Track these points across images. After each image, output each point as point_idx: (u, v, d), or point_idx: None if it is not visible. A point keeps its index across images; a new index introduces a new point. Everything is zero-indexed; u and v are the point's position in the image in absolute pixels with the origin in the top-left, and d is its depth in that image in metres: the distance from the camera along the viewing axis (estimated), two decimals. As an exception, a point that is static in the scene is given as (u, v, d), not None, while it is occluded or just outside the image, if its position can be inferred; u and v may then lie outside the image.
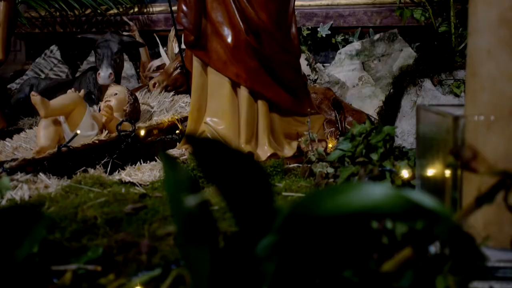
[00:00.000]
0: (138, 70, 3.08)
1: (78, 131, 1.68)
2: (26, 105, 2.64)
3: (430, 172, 1.06)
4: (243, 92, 1.63)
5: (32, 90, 2.66)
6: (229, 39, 1.60)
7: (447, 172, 0.92)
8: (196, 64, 1.70)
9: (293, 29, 1.71)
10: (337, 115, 2.18)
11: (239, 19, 1.58)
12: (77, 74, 3.13)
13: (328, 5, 2.77)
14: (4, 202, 1.32)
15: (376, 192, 0.52)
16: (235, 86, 1.66)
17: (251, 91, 1.63)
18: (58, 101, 1.74)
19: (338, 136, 2.17)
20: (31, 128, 1.99)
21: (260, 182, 0.51)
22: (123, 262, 0.91)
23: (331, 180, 1.36)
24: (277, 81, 1.65)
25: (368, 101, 2.42)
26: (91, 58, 3.23)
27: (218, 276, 0.60)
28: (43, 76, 3.09)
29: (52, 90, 2.61)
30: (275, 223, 0.59)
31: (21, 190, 1.33)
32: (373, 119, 2.29)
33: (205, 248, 0.59)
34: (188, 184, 0.62)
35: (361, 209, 0.53)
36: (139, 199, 1.17)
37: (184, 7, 1.62)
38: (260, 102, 1.65)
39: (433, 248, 0.71)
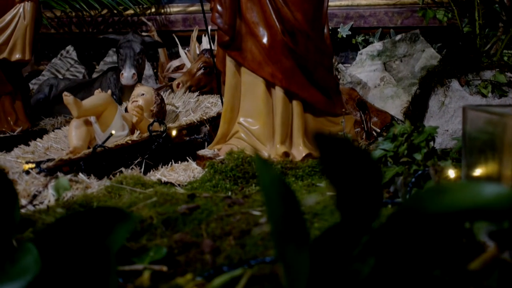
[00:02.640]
0: (155, 71, 3.07)
1: (113, 131, 1.67)
2: (46, 105, 2.64)
3: (479, 172, 1.06)
4: (278, 92, 1.62)
5: (51, 91, 2.65)
6: (265, 39, 1.59)
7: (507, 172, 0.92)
8: (229, 64, 1.69)
9: (326, 29, 1.71)
10: (362, 115, 2.18)
11: (275, 19, 1.57)
12: (94, 74, 3.12)
13: (348, 5, 2.76)
14: (46, 202, 1.32)
15: (486, 190, 0.53)
16: (269, 86, 1.65)
17: (286, 91, 1.62)
18: (90, 102, 1.73)
19: (363, 136, 2.17)
20: (59, 128, 1.98)
21: (374, 184, 0.51)
22: (185, 263, 0.91)
23: (373, 180, 1.36)
24: (312, 82, 1.64)
25: (390, 101, 2.42)
26: (108, 59, 3.22)
27: (316, 276, 0.60)
28: (60, 76, 3.08)
29: (72, 90, 2.60)
30: (375, 222, 0.59)
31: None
32: (396, 119, 2.30)
33: (304, 248, 0.59)
34: (281, 184, 0.62)
35: (470, 207, 0.53)
36: (188, 199, 1.16)
37: (219, 7, 1.61)
38: (294, 102, 1.64)
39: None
